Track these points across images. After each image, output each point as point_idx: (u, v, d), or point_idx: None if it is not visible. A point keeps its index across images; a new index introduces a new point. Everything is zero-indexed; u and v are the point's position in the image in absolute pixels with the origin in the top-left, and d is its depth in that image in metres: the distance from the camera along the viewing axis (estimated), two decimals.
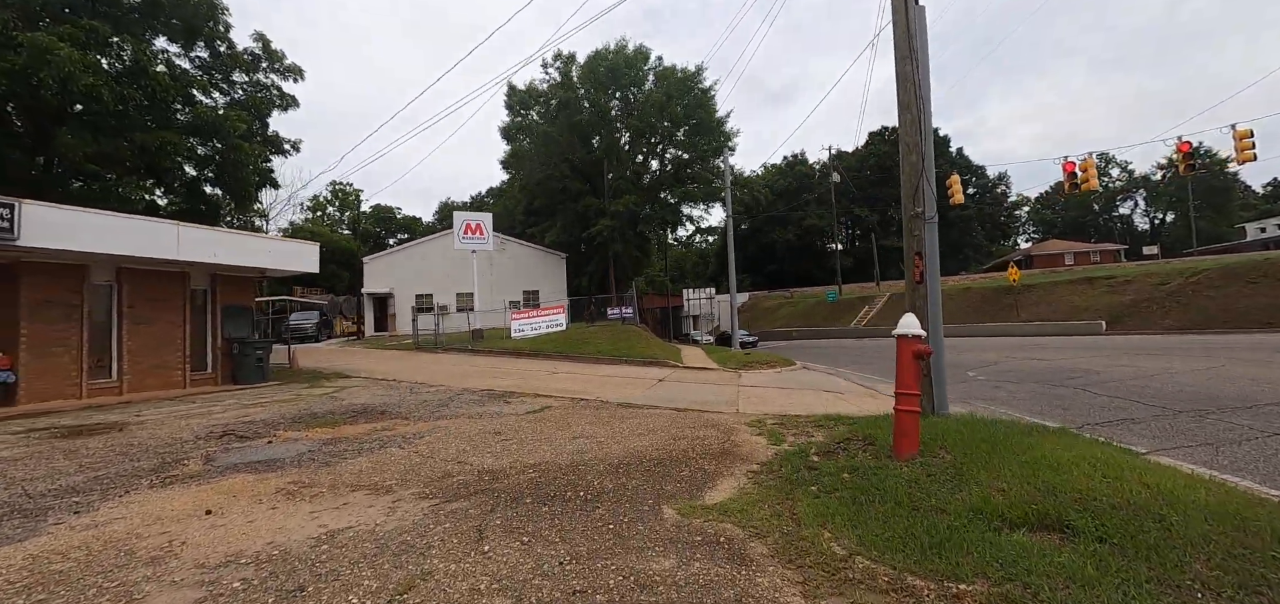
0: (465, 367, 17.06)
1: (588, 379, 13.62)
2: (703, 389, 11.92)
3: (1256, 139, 16.56)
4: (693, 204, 36.88)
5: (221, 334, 13.53)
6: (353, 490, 4.79)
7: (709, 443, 6.28)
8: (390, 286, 33.80)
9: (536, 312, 25.07)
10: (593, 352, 19.40)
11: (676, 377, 14.40)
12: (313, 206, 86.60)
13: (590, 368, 16.50)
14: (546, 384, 12.55)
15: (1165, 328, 22.65)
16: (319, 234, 77.90)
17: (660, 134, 33.66)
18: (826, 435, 6.32)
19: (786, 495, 4.19)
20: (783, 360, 18.61)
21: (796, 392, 11.64)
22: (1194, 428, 6.57)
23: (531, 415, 8.51)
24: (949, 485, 3.85)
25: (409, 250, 35.84)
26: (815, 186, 71.65)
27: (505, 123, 34.45)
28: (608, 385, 12.42)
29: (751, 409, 9.12)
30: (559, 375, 14.45)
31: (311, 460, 5.92)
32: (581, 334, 22.25)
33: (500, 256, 35.44)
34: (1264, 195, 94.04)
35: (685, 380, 13.62)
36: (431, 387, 12.49)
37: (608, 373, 15.10)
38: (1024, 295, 30.59)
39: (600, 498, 4.34)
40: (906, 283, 6.37)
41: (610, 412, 8.80)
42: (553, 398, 10.51)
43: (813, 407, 9.37)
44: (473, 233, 25.30)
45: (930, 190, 6.02)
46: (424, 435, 7.03)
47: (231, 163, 23.28)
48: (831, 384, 13.04)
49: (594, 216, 32.36)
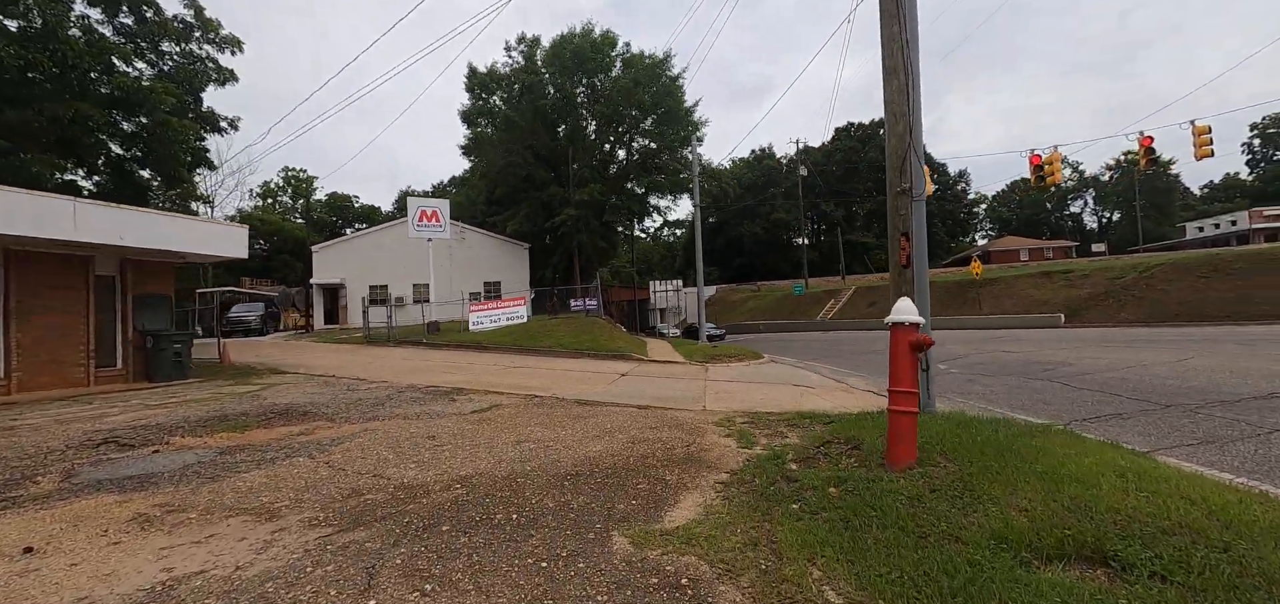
0: (416, 361, 15.94)
1: (545, 374, 12.74)
2: (668, 384, 11.20)
3: (1190, 146, 16.86)
4: (660, 195, 36.13)
5: (133, 327, 12.11)
6: (230, 516, 3.85)
7: (672, 447, 5.53)
8: (341, 277, 32.05)
9: (496, 303, 23.97)
10: (553, 345, 18.50)
11: (640, 371, 13.65)
12: (263, 193, 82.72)
13: (549, 362, 15.61)
14: (500, 380, 11.62)
15: (1121, 321, 23.09)
16: (269, 222, 74.44)
17: (627, 122, 32.79)
18: (803, 437, 5.65)
19: (763, 515, 3.46)
20: (751, 354, 18.07)
21: (766, 386, 11.03)
22: (1187, 424, 6.16)
23: (477, 415, 7.62)
24: (958, 504, 3.17)
25: (362, 239, 34.07)
26: (782, 180, 71.92)
27: (465, 106, 32.97)
28: (566, 381, 11.58)
29: (719, 406, 8.43)
30: (515, 370, 13.52)
31: (196, 475, 4.92)
32: (542, 327, 21.29)
33: (460, 247, 34.01)
34: (1201, 196, 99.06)
35: (649, 375, 12.88)
36: (372, 383, 11.41)
37: (567, 367, 14.24)
38: (986, 288, 31.01)
39: (537, 522, 3.53)
40: (891, 267, 5.74)
41: (565, 410, 7.97)
42: (504, 395, 9.61)
43: (784, 403, 8.74)
44: (428, 220, 23.97)
45: (919, 165, 5.39)
46: (345, 441, 6.08)
47: (160, 140, 21.38)
48: (801, 378, 12.50)
49: (558, 206, 31.27)
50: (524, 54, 33.19)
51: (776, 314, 47.10)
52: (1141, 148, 17.52)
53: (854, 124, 73.25)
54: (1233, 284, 21.87)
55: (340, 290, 32.01)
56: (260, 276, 70.18)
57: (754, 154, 74.70)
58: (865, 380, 11.88)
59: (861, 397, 9.50)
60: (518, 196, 33.92)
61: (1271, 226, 64.95)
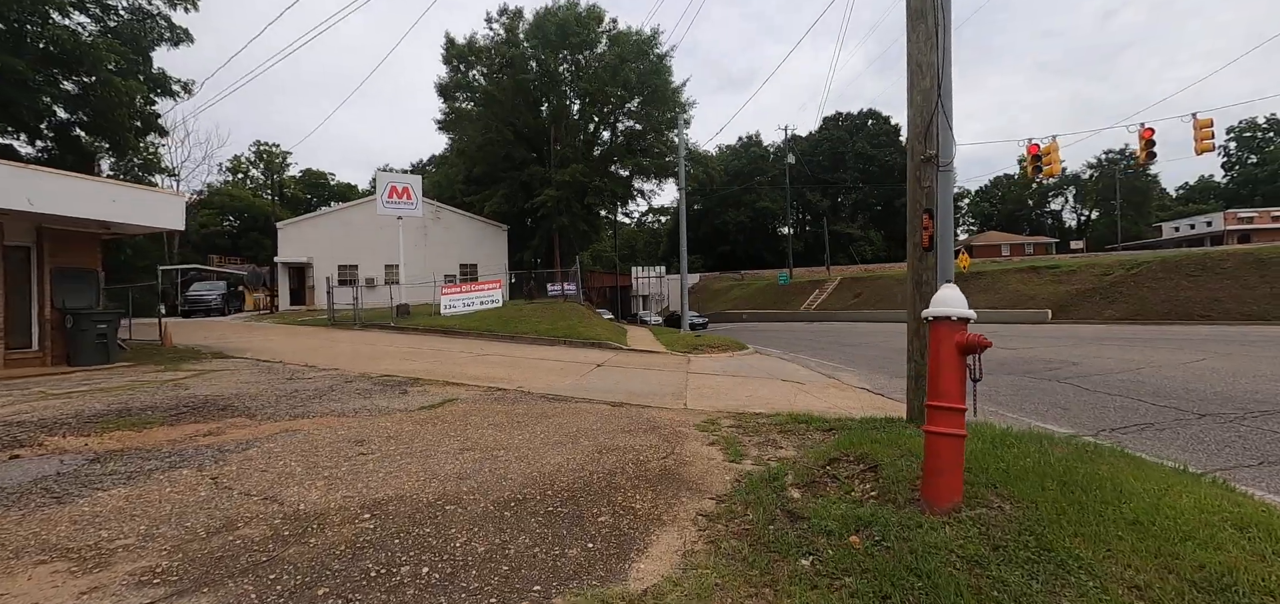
0: (378, 347, 14.82)
1: (515, 363, 11.74)
2: (646, 377, 10.29)
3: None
4: (645, 178, 35.08)
5: (51, 304, 10.82)
6: (42, 562, 2.84)
7: (646, 459, 4.60)
8: (308, 255, 30.52)
9: (469, 286, 22.83)
10: (527, 331, 17.48)
11: (618, 361, 12.72)
12: (233, 167, 79.84)
13: (521, 350, 14.60)
14: (464, 369, 10.61)
15: (1108, 318, 22.76)
16: (239, 198, 71.77)
17: (613, 103, 31.58)
18: (801, 448, 4.76)
19: (762, 574, 2.55)
20: (734, 344, 17.26)
21: (752, 381, 10.17)
22: (1232, 437, 5.41)
23: (425, 412, 6.62)
24: (1037, 573, 2.28)
25: (331, 216, 32.49)
26: (769, 169, 71.20)
27: (443, 79, 31.46)
28: (536, 371, 10.60)
29: (702, 404, 7.53)
30: (483, 358, 12.49)
31: (43, 492, 3.88)
32: (518, 312, 20.23)
33: (435, 226, 32.62)
34: (1176, 197, 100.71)
35: (627, 366, 11.96)
36: (321, 371, 10.31)
37: (540, 356, 13.25)
38: (972, 282, 30.61)
39: (454, 581, 2.58)
40: (910, 251, 4.86)
41: (529, 407, 7.01)
42: (465, 387, 8.61)
43: (773, 401, 7.88)
44: (398, 197, 22.66)
45: (947, 126, 4.48)
46: (254, 446, 5.05)
47: (104, 103, 19.75)
48: (790, 372, 11.68)
49: (539, 186, 30.00)
50: (505, 26, 31.75)
51: (760, 303, 46.48)
52: (1142, 140, 16.94)
53: (842, 114, 72.73)
54: (1222, 284, 21.62)
55: (307, 270, 30.49)
56: (230, 254, 67.72)
57: (741, 141, 73.83)
58: (858, 376, 11.10)
59: (858, 396, 8.68)
60: (497, 175, 32.55)
61: (1244, 228, 66.25)
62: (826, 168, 69.06)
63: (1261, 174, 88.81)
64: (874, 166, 69.16)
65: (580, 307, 21.62)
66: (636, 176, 35.19)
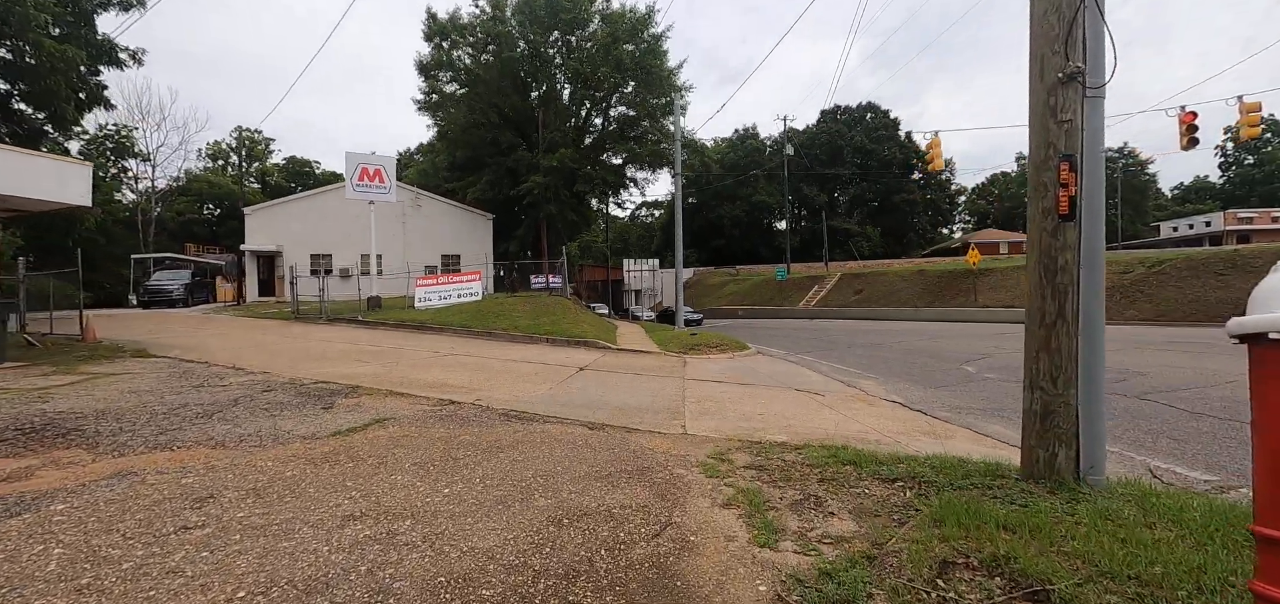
0: (334, 344, 13.09)
1: (483, 366, 10.06)
2: (636, 385, 8.64)
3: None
4: (639, 166, 33.32)
5: None
6: None
7: (628, 538, 2.96)
8: (278, 243, 28.59)
9: (447, 278, 21.09)
10: (507, 327, 15.79)
11: (604, 364, 11.06)
12: (212, 153, 77.45)
13: (496, 349, 12.91)
14: (419, 374, 8.92)
15: (1130, 318, 21.39)
16: (218, 185, 69.36)
17: (605, 87, 29.80)
18: (863, 516, 3.14)
19: None
20: (734, 343, 15.64)
21: (762, 390, 8.55)
22: None
23: (335, 441, 4.94)
24: None
25: (302, 202, 30.52)
26: (765, 162, 69.59)
27: (424, 57, 29.50)
28: (506, 377, 8.93)
29: (705, 425, 5.91)
30: (448, 359, 10.80)
31: None
32: (498, 306, 18.52)
33: (415, 214, 30.77)
34: (1172, 197, 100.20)
35: (614, 369, 10.31)
36: (247, 376, 8.60)
37: (516, 357, 11.57)
38: (981, 279, 29.20)
39: None
40: (1032, 222, 3.24)
41: (480, 433, 5.35)
42: (411, 399, 6.94)
43: (793, 420, 6.27)
44: (370, 180, 20.83)
45: (1101, 22, 2.85)
46: (43, 504, 3.36)
47: (38, 70, 17.79)
48: (801, 378, 10.08)
49: (526, 173, 28.20)
50: (491, 2, 29.78)
51: (757, 300, 44.96)
52: (1182, 125, 15.44)
53: (840, 107, 71.18)
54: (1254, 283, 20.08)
55: (277, 259, 28.58)
56: (209, 243, 65.33)
57: (737, 133, 72.14)
58: (882, 384, 9.50)
59: (895, 414, 7.07)
60: (481, 161, 30.67)
61: (1244, 229, 65.53)
62: (824, 162, 67.54)
63: (1259, 175, 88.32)
64: (873, 161, 67.72)
65: (567, 301, 19.94)
66: (630, 164, 33.47)
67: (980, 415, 6.86)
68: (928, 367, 11.18)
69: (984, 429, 6.13)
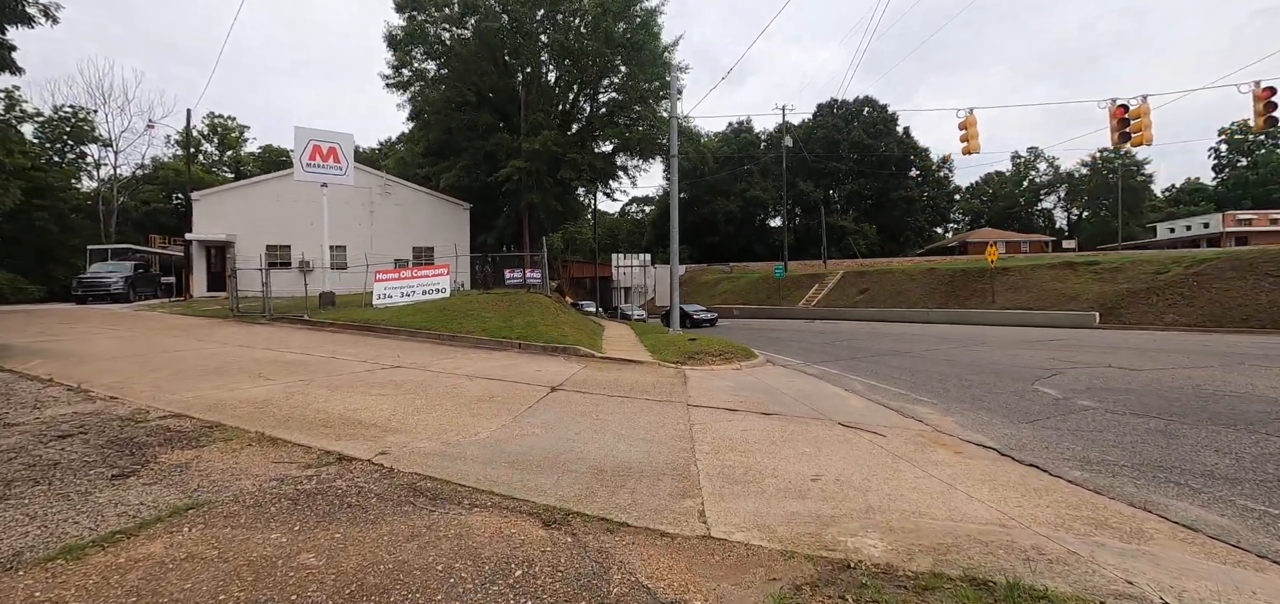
0: (250, 352, 10.62)
1: (424, 386, 7.65)
2: (623, 418, 6.28)
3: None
4: (630, 154, 30.88)
5: None
6: None
7: None
8: (230, 232, 25.85)
9: (411, 273, 18.59)
10: (473, 330, 13.38)
11: (583, 379, 8.68)
12: (181, 140, 73.93)
13: (452, 358, 10.49)
14: (330, 401, 6.52)
15: (1170, 323, 19.40)
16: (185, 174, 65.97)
17: (594, 66, 27.30)
18: None
19: None
20: (739, 350, 13.32)
21: (797, 427, 6.22)
22: None
23: (47, 570, 2.53)
24: None
25: (259, 187, 27.73)
26: (760, 157, 67.45)
27: (394, 28, 26.78)
28: (447, 404, 6.53)
29: (737, 516, 3.56)
30: (382, 376, 8.37)
31: None
32: (466, 305, 16.08)
33: (383, 203, 28.13)
34: (1163, 199, 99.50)
35: (595, 389, 7.93)
36: (85, 400, 6.17)
37: (472, 370, 9.16)
38: (1000, 278, 27.17)
39: None
40: None
41: (338, 544, 2.96)
42: (282, 451, 4.56)
43: (876, 497, 3.96)
44: (323, 160, 18.23)
45: None
46: None
47: None
48: (839, 403, 7.77)
49: (506, 157, 25.68)
50: None
51: (753, 298, 42.76)
52: (1258, 101, 13.35)
53: (837, 101, 69.16)
54: None
55: (229, 249, 25.83)
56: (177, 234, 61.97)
57: (731, 127, 69.88)
58: (948, 414, 7.19)
59: (1001, 472, 4.75)
60: (457, 145, 28.01)
61: (1242, 231, 64.48)
62: (820, 157, 65.50)
63: (1253, 177, 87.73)
64: (871, 156, 65.80)
65: (546, 300, 17.53)
66: (621, 152, 31.01)
67: (1138, 477, 4.60)
68: (991, 386, 8.94)
69: (1180, 513, 3.86)
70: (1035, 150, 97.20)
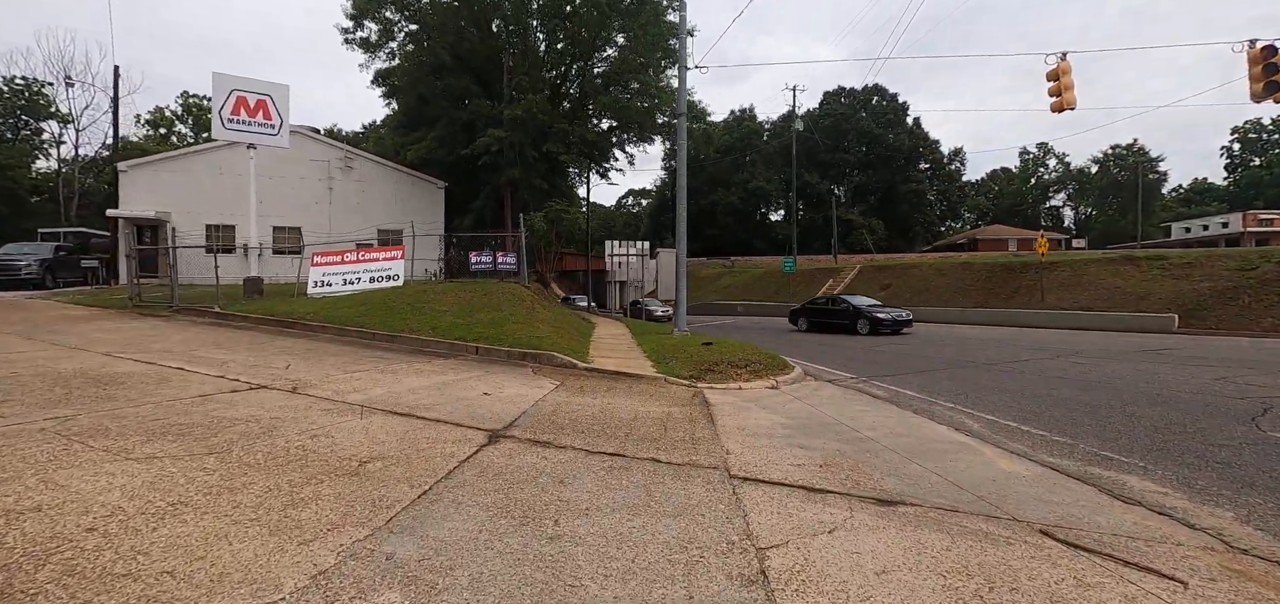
0: (74, 359, 7.31)
1: (269, 428, 4.33)
2: (610, 517, 2.98)
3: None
4: (628, 132, 27.53)
5: None
6: None
7: None
8: (162, 209, 22.38)
9: (360, 256, 15.24)
10: (421, 328, 10.12)
11: (551, 413, 5.39)
12: (155, 121, 70.04)
13: (369, 373, 7.17)
14: (30, 481, 3.18)
15: (1268, 329, 16.31)
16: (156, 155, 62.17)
17: (587, 30, 23.98)
18: None
19: None
20: (766, 357, 10.02)
21: (968, 550, 2.97)
22: None
23: None
24: None
25: (197, 157, 24.16)
26: (763, 147, 64.20)
27: None
28: (261, 482, 3.21)
29: None
30: (227, 401, 5.07)
31: None
32: (420, 296, 12.76)
33: (345, 178, 24.67)
34: (1171, 198, 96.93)
35: (566, 436, 4.63)
36: None
37: (381, 396, 5.85)
38: (1049, 274, 24.02)
39: None
40: None
41: None
42: None
43: None
44: (250, 115, 14.80)
45: None
46: None
47: None
48: (991, 471, 4.54)
49: (485, 126, 22.25)
50: None
51: (758, 294, 39.53)
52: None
53: (844, 89, 65.93)
54: None
55: (161, 229, 22.38)
56: None
57: (733, 115, 66.48)
58: (1174, 487, 3.92)
59: None
60: (429, 113, 24.55)
61: (1264, 231, 61.29)
62: (827, 148, 62.25)
63: (1268, 177, 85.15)
64: (880, 148, 62.59)
65: (521, 290, 14.20)
66: (619, 131, 27.63)
67: None
68: (1195, 429, 5.73)
69: None
70: (1045, 145, 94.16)
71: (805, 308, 23.31)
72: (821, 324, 21.35)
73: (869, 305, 20.41)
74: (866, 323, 19.23)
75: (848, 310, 20.35)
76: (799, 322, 22.70)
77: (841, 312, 20.77)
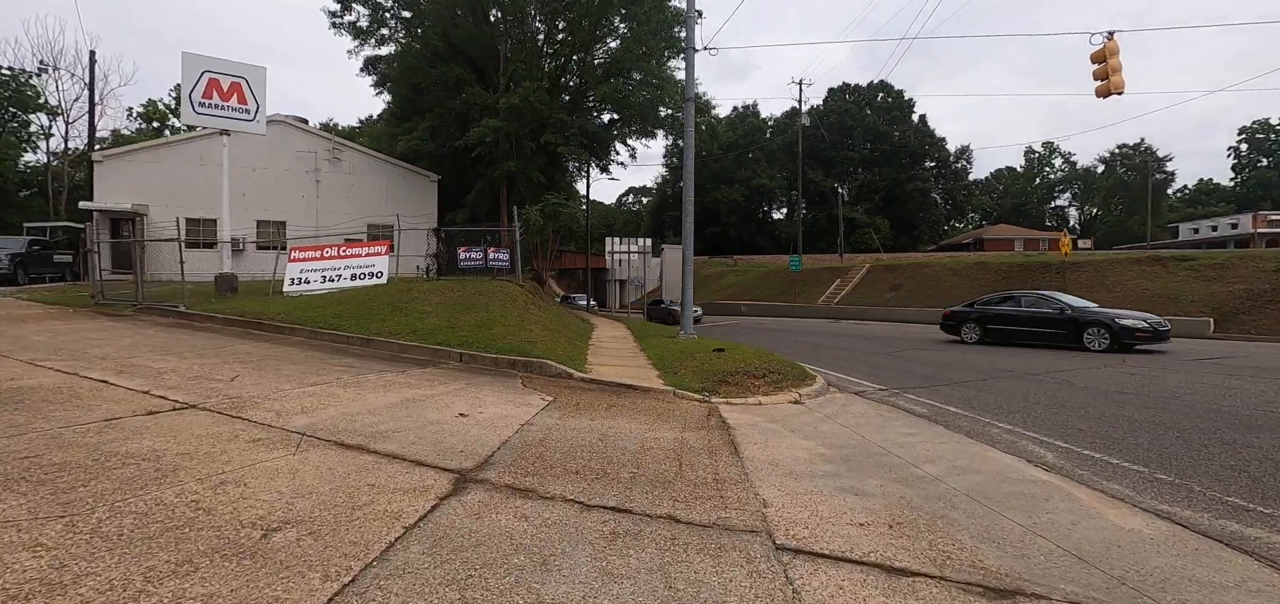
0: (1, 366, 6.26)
1: (163, 474, 3.26)
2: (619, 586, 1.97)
3: None
4: (629, 125, 26.48)
5: None
6: None
7: None
8: (139, 202, 21.33)
9: (339, 252, 14.19)
10: (399, 331, 9.09)
11: (537, 442, 4.35)
12: (147, 114, 68.88)
13: (326, 386, 6.12)
14: None
15: None
16: None
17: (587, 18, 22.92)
18: None
19: None
20: (786, 366, 8.98)
21: None
22: None
23: None
24: None
25: (177, 148, 23.09)
26: (767, 144, 63.09)
27: None
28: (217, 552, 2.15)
29: None
30: (137, 430, 3.99)
31: None
32: (403, 294, 11.72)
33: (333, 171, 23.61)
34: (1177, 199, 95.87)
35: (552, 484, 3.59)
36: None
37: (330, 419, 4.79)
38: (1072, 275, 22.98)
39: None
40: None
41: None
42: None
43: None
44: (222, 98, 13.72)
45: None
46: None
47: None
48: (1106, 535, 3.50)
49: (480, 116, 21.17)
50: None
51: (762, 294, 38.48)
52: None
53: (849, 85, 64.79)
54: None
55: (138, 222, 21.31)
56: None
57: (736, 110, 65.37)
58: None
59: None
60: (425, 105, 23.51)
61: (1274, 232, 60.04)
62: (832, 145, 61.12)
63: (1275, 178, 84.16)
64: (885, 145, 61.47)
65: (514, 288, 13.15)
66: (620, 125, 26.55)
67: None
68: None
69: None
70: (1051, 144, 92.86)
71: (976, 310, 15.62)
72: (1010, 334, 14.38)
73: (1100, 309, 14.04)
74: (1103, 333, 12.58)
75: (1064, 315, 13.54)
76: (966, 331, 15.38)
77: (1052, 318, 13.78)
